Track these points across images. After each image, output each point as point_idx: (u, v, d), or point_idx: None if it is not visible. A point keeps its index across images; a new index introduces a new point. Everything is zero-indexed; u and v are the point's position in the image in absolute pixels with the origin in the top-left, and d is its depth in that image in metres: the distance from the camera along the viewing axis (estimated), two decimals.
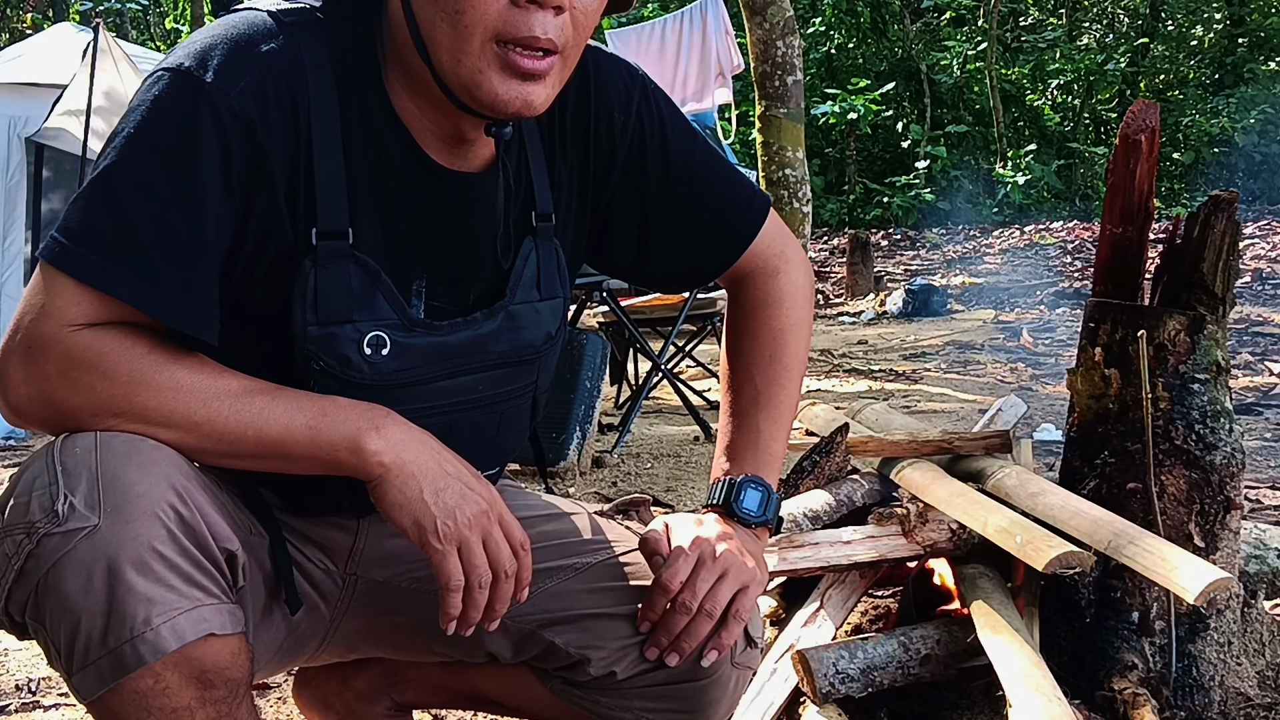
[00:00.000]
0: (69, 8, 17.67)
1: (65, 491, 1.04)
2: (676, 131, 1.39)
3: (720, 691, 1.34)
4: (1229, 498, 1.73)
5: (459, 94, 1.14)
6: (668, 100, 1.41)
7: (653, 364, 4.71)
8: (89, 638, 1.02)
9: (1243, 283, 9.08)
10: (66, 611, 1.02)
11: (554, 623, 1.34)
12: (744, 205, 1.43)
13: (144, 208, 1.08)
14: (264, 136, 1.12)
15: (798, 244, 1.51)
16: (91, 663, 1.02)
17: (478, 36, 1.10)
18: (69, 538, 1.02)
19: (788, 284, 1.46)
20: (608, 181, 1.36)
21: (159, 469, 1.08)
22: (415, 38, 1.13)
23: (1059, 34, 20.89)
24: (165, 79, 1.11)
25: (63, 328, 1.08)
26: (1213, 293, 1.73)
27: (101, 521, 1.03)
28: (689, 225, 1.40)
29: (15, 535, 1.04)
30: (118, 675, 1.02)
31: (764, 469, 1.39)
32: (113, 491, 1.04)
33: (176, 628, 1.03)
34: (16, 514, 1.05)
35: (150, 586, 1.02)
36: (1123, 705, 1.63)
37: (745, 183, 1.44)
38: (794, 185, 6.85)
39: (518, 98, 1.13)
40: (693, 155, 1.39)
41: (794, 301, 1.46)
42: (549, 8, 1.11)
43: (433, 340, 1.23)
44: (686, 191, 1.39)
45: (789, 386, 1.43)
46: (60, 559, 1.02)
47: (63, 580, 1.02)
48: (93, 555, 1.02)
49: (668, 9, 14.54)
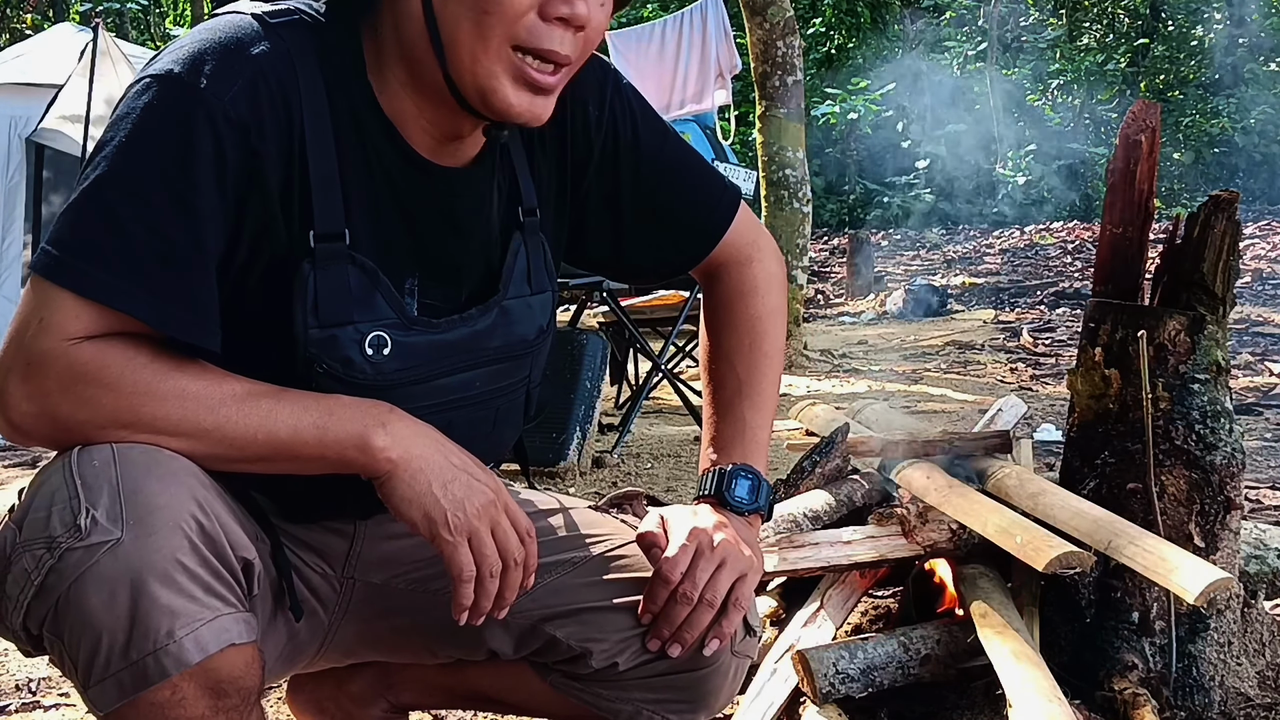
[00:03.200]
0: (69, 8, 17.67)
1: (87, 505, 1.04)
2: (648, 126, 1.41)
3: (720, 680, 1.35)
4: (1229, 498, 1.73)
5: (470, 96, 1.15)
6: (638, 95, 1.43)
7: (653, 364, 4.71)
8: (110, 651, 1.02)
9: (1243, 283, 9.08)
10: (88, 625, 1.02)
11: (554, 617, 1.34)
12: (716, 197, 1.45)
13: (139, 216, 1.07)
14: (258, 140, 1.12)
15: (768, 233, 1.54)
16: (112, 675, 1.02)
17: (497, 38, 1.11)
18: (92, 551, 1.02)
19: (761, 272, 1.48)
20: (584, 175, 1.38)
21: (179, 480, 1.07)
22: (433, 35, 1.13)
23: (1059, 34, 20.89)
24: (154, 86, 1.10)
25: (62, 342, 1.07)
26: (1213, 293, 1.72)
27: (125, 535, 1.02)
28: (663, 217, 1.42)
29: (35, 550, 1.04)
30: (139, 688, 1.02)
31: (752, 457, 1.39)
32: (134, 504, 1.04)
33: (199, 639, 1.03)
34: (35, 529, 1.05)
35: (173, 598, 1.02)
36: (1123, 705, 1.63)
37: (716, 175, 1.47)
38: (794, 185, 6.83)
39: (527, 110, 1.15)
40: (664, 149, 1.42)
41: (769, 289, 1.48)
42: (573, 28, 1.12)
43: (431, 338, 1.24)
44: (659, 184, 1.41)
45: (770, 374, 1.44)
46: (83, 573, 1.02)
47: (85, 594, 1.01)
48: (116, 569, 1.01)
49: (668, 9, 14.54)
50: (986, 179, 18.56)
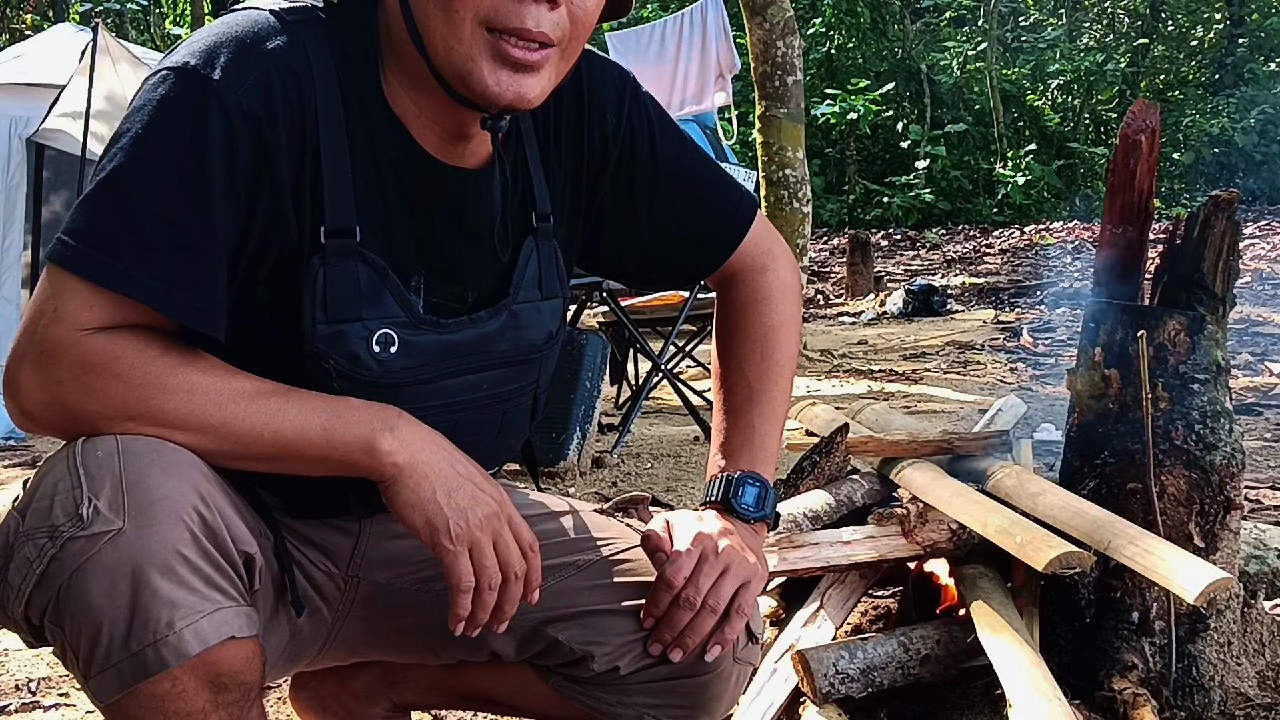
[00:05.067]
0: (69, 8, 17.66)
1: (89, 495, 1.04)
2: (666, 134, 1.41)
3: (722, 686, 1.34)
4: (1229, 498, 1.73)
5: (453, 83, 1.15)
6: (656, 104, 1.42)
7: (653, 364, 4.71)
8: (111, 641, 1.02)
9: (1243, 283, 9.07)
10: (89, 615, 1.02)
11: (557, 619, 1.34)
12: (733, 206, 1.45)
13: (153, 207, 1.08)
14: (271, 134, 1.12)
15: (784, 242, 1.53)
16: (112, 665, 1.03)
17: (468, 22, 1.11)
18: (93, 541, 1.02)
19: (776, 281, 1.47)
20: (600, 183, 1.38)
21: (182, 471, 1.08)
22: (410, 27, 1.14)
23: (1059, 34, 20.90)
24: (170, 78, 1.11)
25: (75, 331, 1.07)
26: (1213, 293, 1.73)
27: (126, 525, 1.03)
28: (679, 226, 1.42)
29: (38, 539, 1.04)
30: (139, 678, 1.02)
31: (760, 465, 1.39)
32: (136, 494, 1.04)
33: (199, 631, 1.03)
34: (38, 517, 1.05)
35: (174, 590, 1.03)
36: (1123, 705, 1.63)
37: (733, 184, 1.46)
38: (794, 185, 6.84)
39: (510, 89, 1.14)
40: (681, 157, 1.41)
41: (783, 297, 1.47)
42: (547, 2, 1.12)
43: (439, 338, 1.24)
44: (676, 192, 1.41)
45: (781, 382, 1.44)
46: (85, 562, 1.02)
47: (86, 584, 1.02)
48: (117, 559, 1.02)
49: (668, 9, 14.54)
50: (986, 179, 18.56)
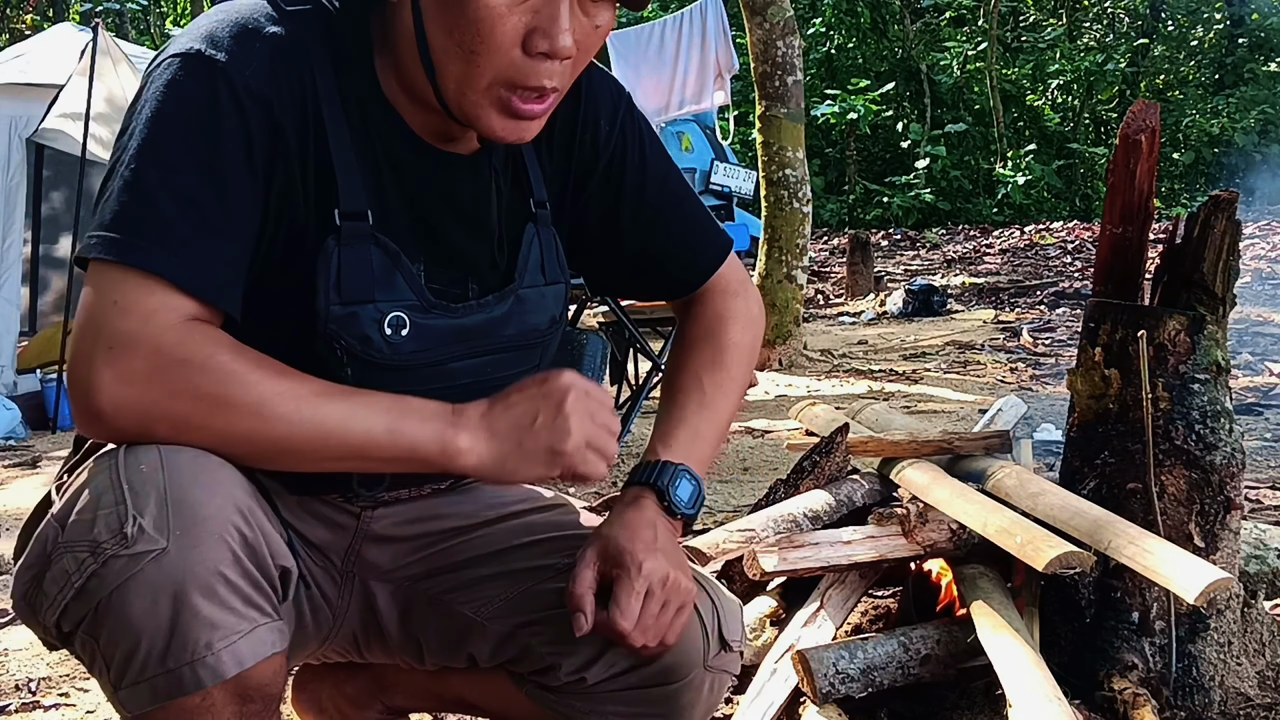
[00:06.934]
0: (69, 8, 17.67)
1: (134, 513, 1.03)
2: (655, 152, 1.42)
3: (694, 695, 1.34)
4: (1229, 498, 1.73)
5: (456, 114, 1.17)
6: (648, 124, 1.44)
7: (653, 364, 4.71)
8: (148, 657, 1.02)
9: (1243, 283, 9.07)
10: (128, 630, 1.02)
11: (533, 623, 1.35)
12: (712, 236, 1.46)
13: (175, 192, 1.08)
14: (281, 115, 1.13)
15: (755, 287, 1.54)
16: (146, 680, 1.03)
17: (487, 78, 1.12)
18: (136, 560, 1.02)
19: (745, 309, 1.48)
20: (585, 187, 1.39)
21: (224, 489, 1.07)
22: (424, 56, 1.14)
23: (1059, 34, 20.89)
24: (176, 63, 1.12)
25: (147, 324, 1.06)
26: (1213, 293, 1.73)
27: (170, 545, 1.02)
28: (659, 241, 1.43)
29: (78, 552, 1.04)
30: (173, 695, 1.03)
31: (696, 465, 1.37)
32: (180, 513, 1.04)
33: (237, 653, 1.03)
34: (79, 530, 1.05)
35: (214, 611, 1.03)
36: (1123, 705, 1.63)
37: (713, 220, 1.49)
38: (794, 185, 6.84)
39: (513, 133, 1.17)
40: (668, 177, 1.43)
41: (749, 326, 1.47)
42: (560, 59, 1.13)
43: (449, 322, 1.25)
44: (660, 209, 1.42)
45: (731, 397, 1.43)
46: (127, 580, 1.02)
47: (127, 601, 1.02)
48: (160, 578, 1.02)
49: (667, 9, 14.54)
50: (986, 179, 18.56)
